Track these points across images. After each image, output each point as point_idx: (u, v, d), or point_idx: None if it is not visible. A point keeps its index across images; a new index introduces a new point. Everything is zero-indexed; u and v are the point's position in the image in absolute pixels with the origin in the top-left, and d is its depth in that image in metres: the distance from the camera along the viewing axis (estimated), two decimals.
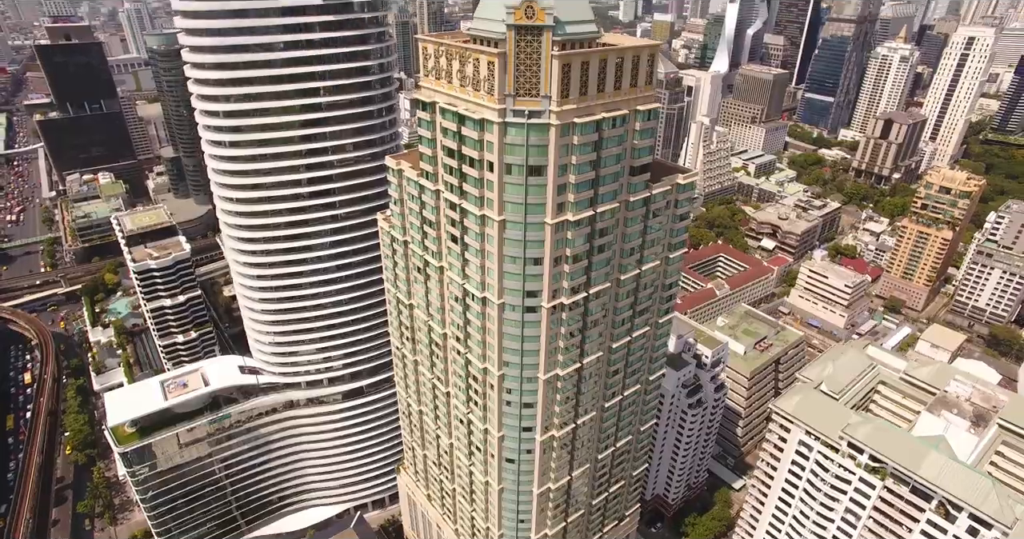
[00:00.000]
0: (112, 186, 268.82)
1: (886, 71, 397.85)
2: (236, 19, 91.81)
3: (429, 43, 68.56)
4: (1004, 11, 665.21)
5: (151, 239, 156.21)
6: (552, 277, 70.53)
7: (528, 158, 63.93)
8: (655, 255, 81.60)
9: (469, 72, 63.71)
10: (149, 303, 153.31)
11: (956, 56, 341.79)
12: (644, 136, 70.30)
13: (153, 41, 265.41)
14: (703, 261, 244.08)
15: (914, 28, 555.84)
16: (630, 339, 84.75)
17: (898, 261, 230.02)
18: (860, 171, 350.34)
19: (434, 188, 75.72)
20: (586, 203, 69.05)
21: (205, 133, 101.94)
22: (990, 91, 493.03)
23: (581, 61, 60.47)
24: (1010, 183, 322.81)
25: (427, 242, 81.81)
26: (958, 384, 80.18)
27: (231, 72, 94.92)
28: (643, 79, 67.30)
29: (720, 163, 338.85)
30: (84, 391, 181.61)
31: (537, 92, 60.95)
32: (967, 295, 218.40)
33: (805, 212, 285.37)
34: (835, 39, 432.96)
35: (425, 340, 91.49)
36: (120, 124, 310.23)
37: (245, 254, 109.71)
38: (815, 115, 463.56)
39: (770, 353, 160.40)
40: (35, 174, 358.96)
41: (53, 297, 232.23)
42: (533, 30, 57.39)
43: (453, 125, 67.37)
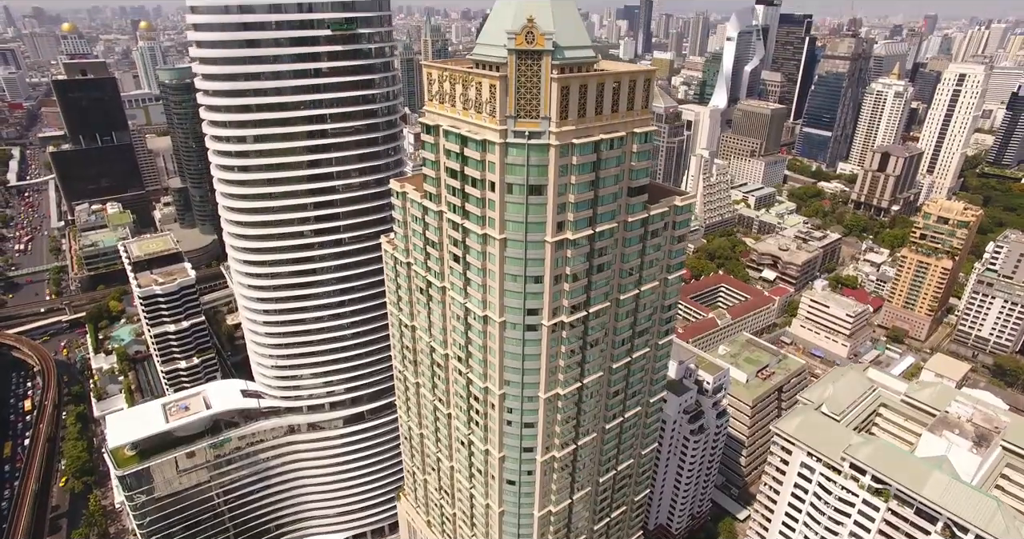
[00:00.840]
0: (120, 216, 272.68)
1: (881, 106, 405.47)
2: (248, 49, 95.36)
3: (434, 69, 71.33)
4: (994, 51, 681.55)
5: (157, 265, 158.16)
6: (552, 295, 71.64)
7: (529, 178, 65.82)
8: (654, 276, 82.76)
9: (472, 95, 66.15)
10: (153, 329, 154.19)
11: (949, 92, 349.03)
12: (641, 158, 72.29)
13: (165, 75, 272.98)
14: (704, 291, 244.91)
15: (907, 66, 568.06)
16: (630, 360, 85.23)
17: (899, 291, 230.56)
18: (859, 203, 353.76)
19: (437, 209, 77.58)
20: (585, 222, 70.68)
21: (215, 158, 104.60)
22: (984, 126, 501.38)
23: (579, 84, 62.87)
24: (1008, 215, 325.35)
25: (430, 263, 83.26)
26: (959, 405, 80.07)
27: (242, 99, 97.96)
28: (640, 103, 69.69)
29: (720, 195, 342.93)
30: (84, 418, 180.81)
31: (537, 114, 63.17)
32: (970, 325, 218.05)
33: (805, 243, 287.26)
34: (830, 75, 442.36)
35: (427, 361, 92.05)
36: (130, 156, 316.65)
37: (250, 277, 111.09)
38: (813, 149, 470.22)
39: (772, 381, 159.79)
40: (45, 205, 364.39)
41: (57, 324, 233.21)
42: (533, 54, 59.90)
43: (456, 147, 69.60)
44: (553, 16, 60.06)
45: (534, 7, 59.50)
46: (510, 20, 59.52)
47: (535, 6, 59.72)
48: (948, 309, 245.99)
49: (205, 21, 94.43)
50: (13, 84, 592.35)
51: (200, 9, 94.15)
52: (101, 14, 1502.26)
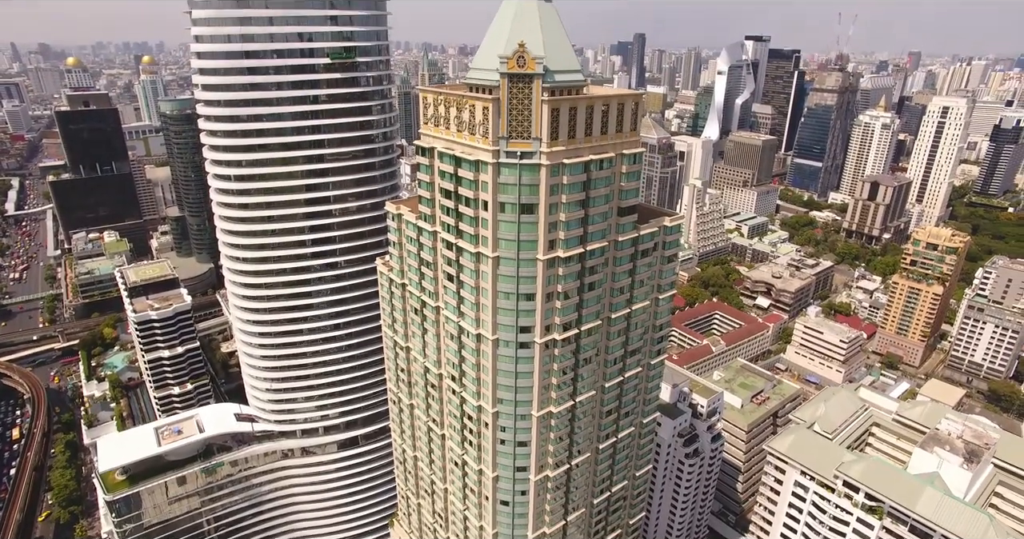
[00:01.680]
0: (117, 244, 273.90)
1: (870, 137, 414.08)
2: (249, 76, 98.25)
3: (429, 93, 73.84)
4: (976, 86, 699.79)
5: (153, 291, 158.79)
6: (544, 313, 72.73)
7: (520, 197, 67.55)
8: (645, 295, 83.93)
9: (465, 117, 68.40)
10: (147, 354, 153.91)
11: (934, 124, 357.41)
12: (630, 179, 74.30)
13: (166, 106, 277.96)
14: (698, 318, 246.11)
15: (894, 99, 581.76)
16: (622, 379, 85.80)
17: (892, 317, 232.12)
18: (851, 232, 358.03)
19: (432, 229, 79.13)
20: (576, 241, 72.23)
21: (215, 182, 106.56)
22: (970, 158, 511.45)
23: (569, 107, 65.22)
24: (997, 243, 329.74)
25: (424, 283, 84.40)
26: (949, 422, 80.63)
27: (243, 125, 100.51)
28: (628, 125, 72.06)
29: (713, 224, 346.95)
30: (73, 446, 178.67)
31: (528, 135, 65.31)
32: (963, 350, 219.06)
33: (798, 270, 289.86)
34: (819, 108, 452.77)
35: (421, 382, 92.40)
36: (129, 185, 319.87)
37: (247, 300, 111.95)
38: (805, 179, 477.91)
39: (767, 406, 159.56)
40: (42, 234, 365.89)
41: (50, 352, 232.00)
42: (524, 78, 62.32)
43: (450, 167, 71.54)
44: (543, 41, 62.74)
45: (525, 33, 62.22)
46: (502, 45, 62.11)
47: (526, 32, 62.45)
48: (941, 335, 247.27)
49: (208, 50, 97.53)
50: (16, 117, 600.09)
51: (204, 38, 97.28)
52: (105, 50, 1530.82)
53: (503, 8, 65.53)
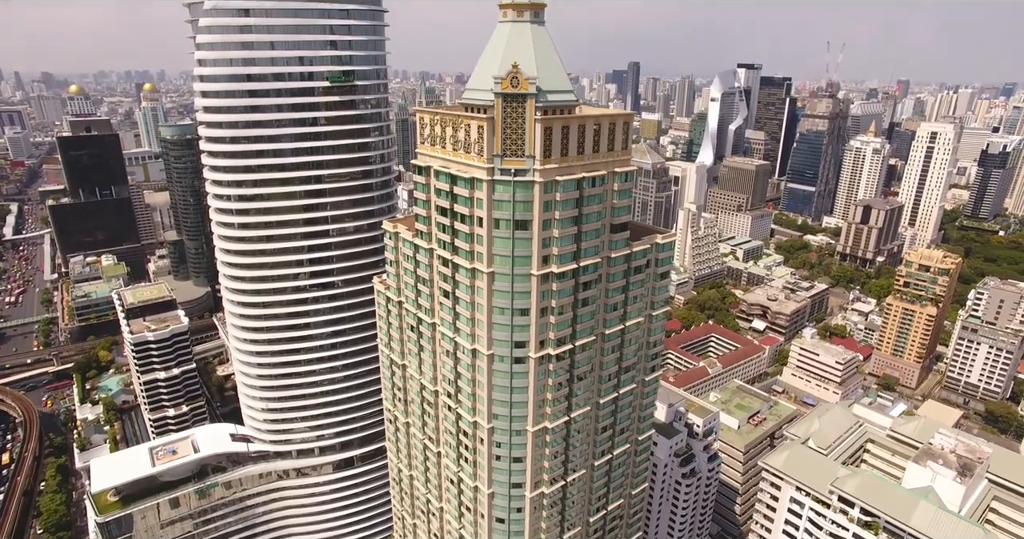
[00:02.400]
0: (114, 267, 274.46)
1: (861, 162, 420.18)
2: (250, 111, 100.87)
3: (426, 113, 75.98)
4: (963, 112, 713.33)
5: (151, 312, 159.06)
6: (539, 328, 73.64)
7: (515, 213, 69.08)
8: (639, 312, 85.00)
9: (461, 136, 70.33)
10: (143, 376, 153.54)
11: (923, 149, 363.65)
12: (622, 196, 76.08)
13: (167, 132, 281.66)
14: (695, 341, 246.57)
15: (884, 125, 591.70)
16: (617, 395, 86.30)
17: (887, 338, 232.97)
18: (845, 255, 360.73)
19: (428, 246, 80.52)
20: (570, 257, 73.55)
21: (215, 202, 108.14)
22: (960, 183, 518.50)
23: (561, 125, 67.19)
24: (989, 265, 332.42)
25: (420, 300, 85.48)
26: (942, 437, 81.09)
27: (244, 145, 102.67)
28: (619, 144, 74.05)
29: (708, 248, 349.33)
30: (65, 470, 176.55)
31: (522, 153, 67.13)
32: (958, 371, 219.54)
33: (793, 293, 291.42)
34: (811, 134, 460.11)
35: (417, 400, 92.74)
36: (128, 209, 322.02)
37: (244, 319, 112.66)
38: (798, 204, 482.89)
39: (764, 427, 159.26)
40: (39, 258, 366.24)
41: (43, 375, 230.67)
42: (518, 97, 64.41)
43: (446, 185, 73.24)
44: (536, 62, 65.03)
45: (518, 54, 64.53)
46: (497, 66, 64.35)
47: (519, 53, 64.76)
48: (937, 357, 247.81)
49: (211, 73, 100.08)
50: (17, 143, 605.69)
51: (207, 62, 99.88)
52: (107, 78, 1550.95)
53: (497, 31, 68.03)
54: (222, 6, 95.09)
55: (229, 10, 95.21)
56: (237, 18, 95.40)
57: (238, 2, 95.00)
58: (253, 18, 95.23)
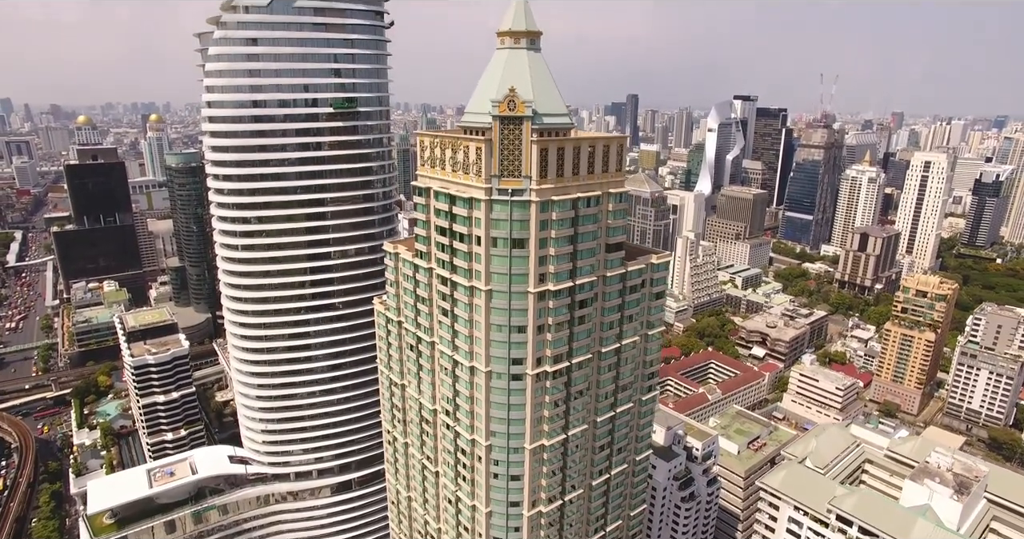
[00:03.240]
0: (116, 293, 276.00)
1: (857, 191, 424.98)
2: (256, 135, 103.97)
3: (426, 136, 78.61)
4: (956, 143, 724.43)
5: (151, 336, 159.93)
6: (536, 345, 74.84)
7: (512, 232, 70.96)
8: (634, 331, 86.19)
9: (460, 158, 72.69)
10: (142, 399, 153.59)
11: (917, 177, 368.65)
12: (617, 216, 78.09)
13: (172, 160, 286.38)
14: (694, 367, 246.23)
15: (879, 155, 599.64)
16: (614, 414, 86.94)
17: (887, 364, 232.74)
18: (843, 282, 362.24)
19: (427, 266, 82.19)
20: (566, 275, 75.21)
21: (219, 224, 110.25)
22: (957, 211, 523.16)
23: (557, 147, 69.58)
24: (987, 293, 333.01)
25: (420, 319, 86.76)
26: (939, 455, 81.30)
27: (249, 169, 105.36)
28: (613, 166, 76.40)
29: (707, 276, 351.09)
30: (59, 496, 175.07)
31: (519, 173, 69.37)
32: (959, 397, 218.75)
33: (792, 320, 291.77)
34: (807, 163, 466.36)
35: (416, 419, 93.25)
36: (131, 236, 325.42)
37: (246, 340, 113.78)
38: (796, 232, 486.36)
39: (764, 452, 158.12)
40: (41, 284, 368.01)
41: (41, 401, 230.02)
42: (515, 120, 66.95)
43: (445, 206, 75.32)
44: (532, 86, 67.74)
45: (515, 79, 67.28)
46: (494, 90, 67.02)
47: (516, 78, 67.52)
48: (938, 383, 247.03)
49: (219, 99, 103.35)
50: (24, 172, 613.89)
51: (215, 89, 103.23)
52: (114, 110, 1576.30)
53: (495, 57, 71.01)
54: (231, 36, 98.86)
55: (237, 39, 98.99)
56: (245, 47, 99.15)
57: (246, 32, 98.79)
58: (260, 47, 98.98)
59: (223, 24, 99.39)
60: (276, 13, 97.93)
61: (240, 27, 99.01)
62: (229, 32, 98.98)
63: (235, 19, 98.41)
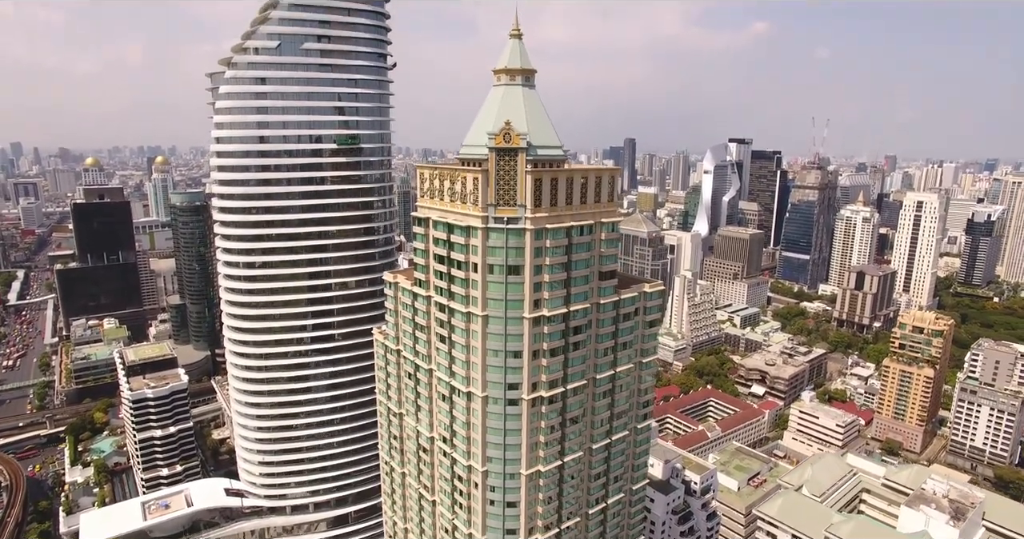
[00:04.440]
0: (115, 330, 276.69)
1: (852, 231, 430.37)
2: (262, 170, 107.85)
3: (425, 169, 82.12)
4: (949, 185, 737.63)
5: (151, 370, 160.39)
6: (531, 370, 76.34)
7: (507, 259, 73.51)
8: (628, 358, 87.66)
9: (458, 188, 75.82)
10: (139, 434, 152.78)
11: (911, 217, 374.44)
12: (609, 245, 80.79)
13: (177, 199, 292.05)
14: (693, 405, 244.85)
15: (872, 196, 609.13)
16: (610, 442, 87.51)
17: (887, 401, 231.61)
18: (841, 321, 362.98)
19: (426, 294, 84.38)
20: (560, 301, 77.28)
21: (224, 255, 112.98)
22: (952, 251, 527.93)
23: (551, 177, 72.78)
24: (986, 331, 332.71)
25: (418, 347, 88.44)
26: (935, 482, 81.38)
27: (255, 202, 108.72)
28: (606, 197, 79.52)
29: (706, 314, 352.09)
30: (48, 536, 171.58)
31: (514, 202, 72.35)
32: (962, 434, 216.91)
33: (791, 358, 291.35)
34: (803, 204, 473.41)
35: (413, 448, 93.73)
36: (133, 274, 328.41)
37: (246, 370, 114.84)
38: (794, 272, 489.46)
39: (765, 489, 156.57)
40: (41, 323, 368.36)
41: (35, 439, 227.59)
42: (510, 152, 70.32)
43: (443, 234, 78.06)
44: (527, 120, 71.40)
45: (511, 113, 70.99)
46: (491, 123, 70.64)
47: (512, 112, 71.24)
48: (941, 421, 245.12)
49: (227, 135, 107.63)
50: (30, 213, 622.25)
51: (224, 126, 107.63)
52: (120, 153, 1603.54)
53: (492, 93, 75.02)
54: (241, 75, 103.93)
55: (247, 79, 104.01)
56: (254, 85, 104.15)
57: (256, 72, 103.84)
58: (269, 86, 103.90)
59: (234, 65, 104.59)
60: (285, 54, 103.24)
61: (250, 67, 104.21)
62: (239, 72, 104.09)
63: (246, 60, 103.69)
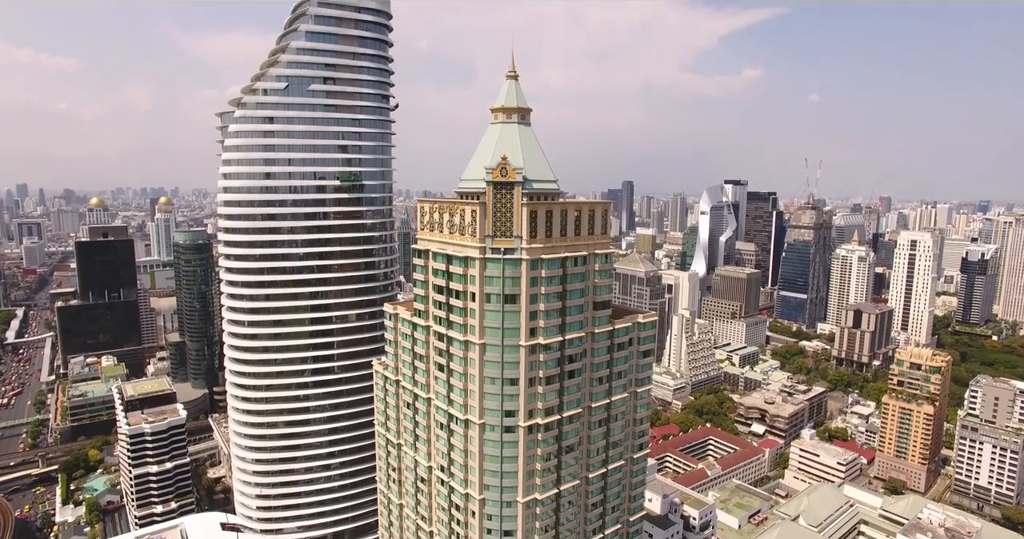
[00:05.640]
0: (113, 368, 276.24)
1: (848, 269, 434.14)
2: (266, 205, 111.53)
3: (426, 203, 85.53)
4: (944, 225, 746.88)
5: (150, 405, 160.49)
6: (527, 397, 77.85)
7: (504, 288, 76.09)
8: (623, 387, 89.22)
9: (457, 221, 78.97)
10: (135, 469, 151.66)
11: (905, 256, 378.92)
12: (603, 276, 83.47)
13: (180, 237, 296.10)
14: (693, 444, 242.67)
15: (867, 236, 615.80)
16: (606, 471, 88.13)
17: (888, 439, 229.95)
18: (840, 359, 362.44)
19: (425, 324, 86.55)
20: (555, 330, 79.44)
21: (228, 288, 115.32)
22: (950, 290, 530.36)
23: (545, 210, 75.99)
24: (986, 369, 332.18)
25: (416, 376, 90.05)
26: (931, 511, 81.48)
27: (259, 236, 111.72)
28: (599, 229, 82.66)
29: (704, 353, 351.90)
30: None
31: (511, 233, 75.36)
32: (966, 473, 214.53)
33: (791, 396, 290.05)
34: (798, 243, 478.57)
35: (411, 478, 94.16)
36: (134, 311, 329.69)
37: (247, 402, 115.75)
38: (792, 311, 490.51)
39: (765, 526, 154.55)
40: (38, 361, 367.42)
41: (26, 478, 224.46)
42: (507, 185, 73.72)
43: (443, 265, 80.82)
44: (523, 155, 75.10)
45: (507, 149, 74.74)
46: (488, 158, 74.30)
47: (508, 148, 74.99)
48: (944, 460, 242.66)
49: (234, 171, 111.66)
50: (32, 252, 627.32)
51: (232, 162, 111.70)
52: (123, 194, 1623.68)
53: (489, 130, 79.04)
54: (250, 115, 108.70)
55: (256, 118, 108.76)
56: (262, 124, 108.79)
57: (264, 111, 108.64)
58: (276, 124, 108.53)
59: (243, 105, 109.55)
60: (292, 95, 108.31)
61: (259, 107, 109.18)
62: (249, 111, 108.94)
63: (255, 100, 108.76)
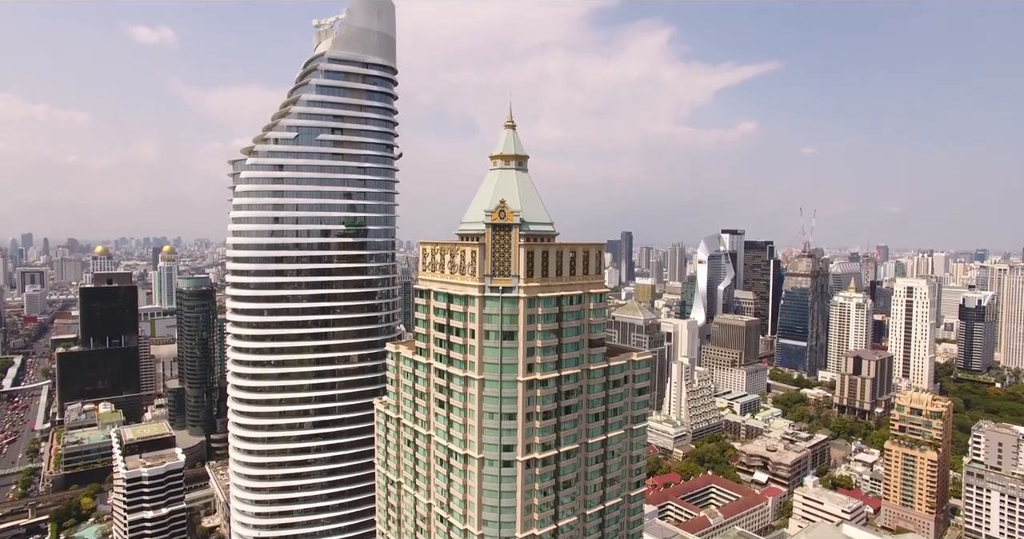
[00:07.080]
0: (111, 415, 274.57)
1: (847, 316, 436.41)
2: (275, 251, 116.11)
3: (428, 245, 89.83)
4: (941, 273, 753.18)
5: (148, 449, 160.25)
6: (525, 432, 79.84)
7: (503, 325, 79.33)
8: (619, 424, 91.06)
9: (457, 261, 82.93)
10: (129, 515, 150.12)
11: (903, 302, 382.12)
12: (598, 314, 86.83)
13: (183, 283, 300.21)
14: (695, 491, 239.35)
15: (864, 283, 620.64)
16: (603, 508, 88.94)
17: (893, 487, 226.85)
18: (842, 407, 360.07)
19: (426, 362, 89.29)
20: (552, 366, 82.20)
21: (233, 328, 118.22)
22: (950, 337, 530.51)
23: (542, 251, 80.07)
24: (992, 416, 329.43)
25: (417, 413, 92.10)
26: None
27: (265, 277, 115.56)
28: (593, 269, 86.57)
29: (705, 401, 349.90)
30: None
31: (508, 273, 79.15)
32: (975, 522, 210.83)
33: (793, 443, 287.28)
34: (796, 291, 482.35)
35: (410, 516, 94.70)
36: (134, 358, 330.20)
37: (248, 441, 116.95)
38: (792, 359, 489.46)
39: None
40: (34, 409, 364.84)
41: (15, 528, 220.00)
42: (505, 227, 78.02)
43: (443, 304, 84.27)
44: (520, 199, 79.72)
45: (505, 193, 79.44)
46: (487, 202, 78.89)
47: (506, 192, 79.70)
48: (953, 509, 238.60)
49: (244, 216, 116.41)
50: (34, 300, 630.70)
51: (242, 207, 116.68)
52: (126, 244, 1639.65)
53: (488, 176, 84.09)
54: (261, 162, 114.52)
55: (267, 165, 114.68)
56: (272, 172, 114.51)
57: (274, 160, 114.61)
58: (286, 172, 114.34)
59: (255, 153, 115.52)
60: (301, 144, 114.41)
61: (270, 156, 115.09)
62: (260, 159, 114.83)
63: (266, 149, 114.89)
